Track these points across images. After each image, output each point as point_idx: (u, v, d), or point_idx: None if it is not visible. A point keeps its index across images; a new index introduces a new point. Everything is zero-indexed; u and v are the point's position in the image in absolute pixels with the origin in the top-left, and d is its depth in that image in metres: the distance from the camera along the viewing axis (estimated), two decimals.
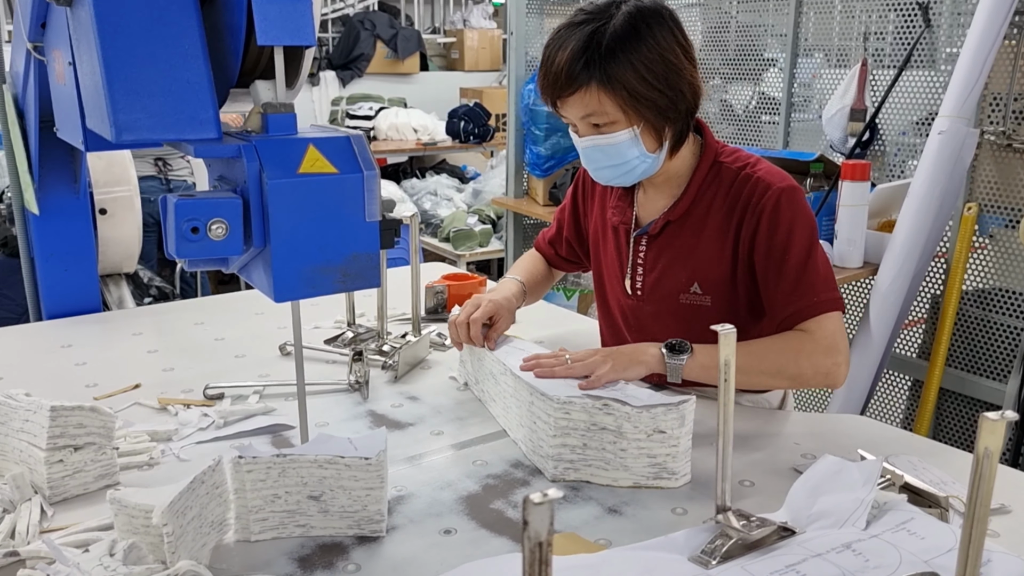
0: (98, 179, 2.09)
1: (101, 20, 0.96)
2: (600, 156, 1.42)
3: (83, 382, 1.55)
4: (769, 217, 1.40)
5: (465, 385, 1.56)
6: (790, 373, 1.38)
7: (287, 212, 0.99)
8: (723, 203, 1.45)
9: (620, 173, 1.43)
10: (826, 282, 1.40)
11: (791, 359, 1.37)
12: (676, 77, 1.36)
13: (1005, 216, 2.51)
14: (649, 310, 1.54)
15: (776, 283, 1.40)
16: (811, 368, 1.37)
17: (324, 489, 1.06)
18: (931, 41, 2.72)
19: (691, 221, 1.48)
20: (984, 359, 2.59)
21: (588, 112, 1.37)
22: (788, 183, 1.43)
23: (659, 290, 1.52)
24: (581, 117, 1.39)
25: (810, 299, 1.38)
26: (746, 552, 0.96)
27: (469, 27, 8.35)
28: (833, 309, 1.39)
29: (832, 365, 1.37)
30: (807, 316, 1.39)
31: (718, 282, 1.47)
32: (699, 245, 1.47)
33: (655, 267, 1.52)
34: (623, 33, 1.33)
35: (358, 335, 1.74)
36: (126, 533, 0.96)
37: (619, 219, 1.57)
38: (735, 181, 1.45)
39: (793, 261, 1.39)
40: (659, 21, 1.36)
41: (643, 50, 1.33)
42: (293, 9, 1.00)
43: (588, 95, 1.35)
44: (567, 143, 3.66)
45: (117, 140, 0.96)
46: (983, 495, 0.71)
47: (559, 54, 1.36)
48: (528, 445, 1.28)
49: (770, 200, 1.40)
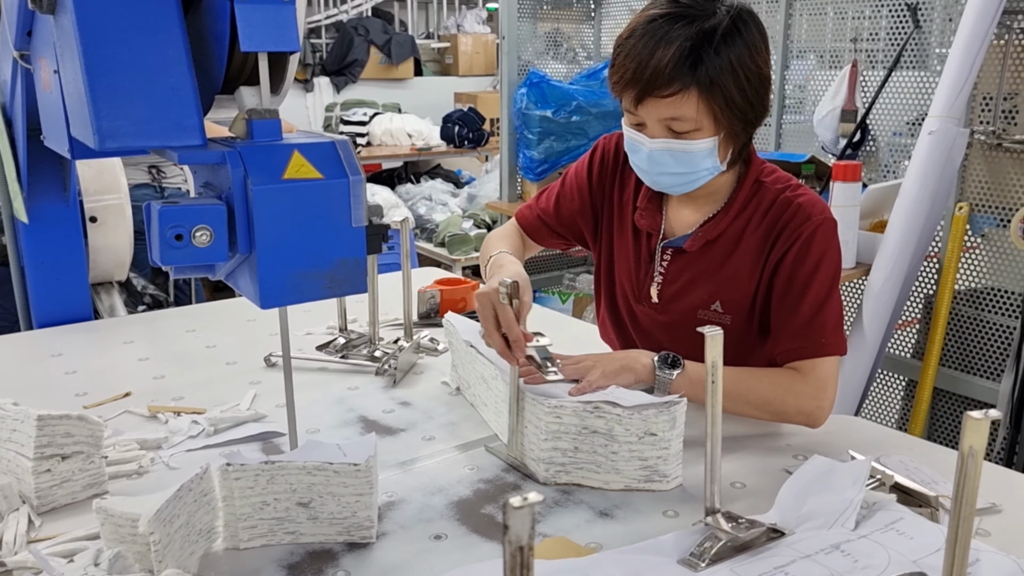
0: (88, 187, 2.09)
1: (83, 27, 0.95)
2: (670, 161, 1.34)
3: (73, 391, 1.55)
4: (801, 246, 1.37)
5: (457, 390, 1.55)
6: (774, 408, 1.36)
7: (272, 218, 0.99)
8: (759, 224, 1.41)
9: (684, 182, 1.37)
10: (836, 326, 1.38)
11: (779, 396, 1.35)
12: (765, 90, 1.33)
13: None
14: (663, 320, 1.50)
15: (790, 315, 1.38)
16: (795, 407, 1.35)
17: (313, 496, 1.06)
18: (920, 42, 2.72)
19: (724, 239, 1.44)
20: (977, 358, 2.60)
21: (676, 116, 1.29)
22: (828, 216, 1.39)
23: (678, 303, 1.48)
24: (664, 119, 1.30)
25: (818, 339, 1.36)
26: (735, 554, 0.96)
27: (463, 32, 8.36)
28: (835, 353, 1.37)
29: (816, 408, 1.35)
30: (808, 355, 1.37)
31: (741, 302, 1.43)
32: (728, 264, 1.43)
33: (678, 279, 1.48)
34: (730, 39, 1.26)
35: (350, 341, 1.74)
36: (113, 542, 0.95)
37: (647, 223, 1.50)
38: (774, 203, 1.41)
39: (811, 298, 1.37)
40: (756, 25, 1.30)
41: (746, 60, 1.27)
42: (277, 15, 1.00)
43: (686, 99, 1.27)
44: (560, 147, 3.66)
45: (100, 148, 0.96)
46: (968, 494, 0.71)
47: (660, 50, 1.25)
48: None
49: (807, 229, 1.37)
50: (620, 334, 1.63)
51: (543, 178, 3.71)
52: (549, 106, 3.59)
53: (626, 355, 1.35)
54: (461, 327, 1.52)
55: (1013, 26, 2.40)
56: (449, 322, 1.57)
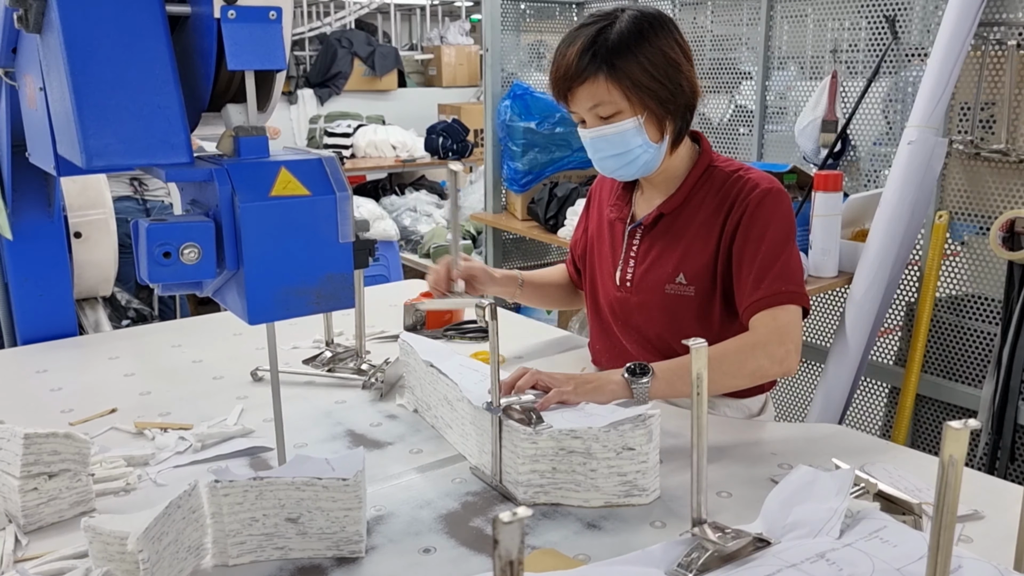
0: (72, 202, 2.08)
1: (70, 46, 0.96)
2: (605, 145, 1.50)
3: (59, 407, 1.54)
4: (752, 212, 1.50)
5: (415, 411, 1.53)
6: (748, 369, 1.43)
7: (260, 235, 0.99)
8: (714, 199, 1.55)
9: (623, 163, 1.52)
10: (794, 276, 1.48)
11: (748, 355, 1.43)
12: (675, 72, 1.48)
13: (975, 223, 2.55)
14: (636, 301, 1.61)
15: (747, 272, 1.48)
16: (766, 357, 1.43)
17: (302, 511, 1.06)
18: (899, 53, 2.76)
19: (683, 215, 1.57)
20: (959, 365, 2.62)
21: (596, 102, 1.47)
22: (776, 185, 1.54)
23: (647, 280, 1.59)
24: (589, 108, 1.48)
25: (776, 288, 1.46)
26: (722, 564, 0.96)
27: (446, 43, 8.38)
28: (794, 303, 1.47)
29: (785, 353, 1.43)
30: (770, 304, 1.46)
31: (701, 273, 1.54)
32: (686, 236, 1.56)
33: (646, 258, 1.60)
34: (628, 31, 1.45)
35: (336, 355, 1.74)
36: (101, 560, 0.95)
37: (616, 215, 1.67)
38: (727, 181, 1.55)
39: (765, 251, 1.48)
40: (661, 24, 1.48)
41: (645, 46, 1.45)
42: (263, 33, 1.00)
43: (596, 85, 1.45)
44: (544, 158, 3.67)
45: (87, 166, 0.96)
46: (950, 502, 0.72)
47: (569, 49, 1.47)
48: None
49: (756, 197, 1.51)
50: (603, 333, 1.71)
51: (527, 189, 3.72)
52: (533, 118, 3.60)
53: (598, 377, 1.39)
54: (419, 347, 1.50)
55: (989, 37, 2.43)
56: (405, 342, 1.54)
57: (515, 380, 1.33)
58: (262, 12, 0.99)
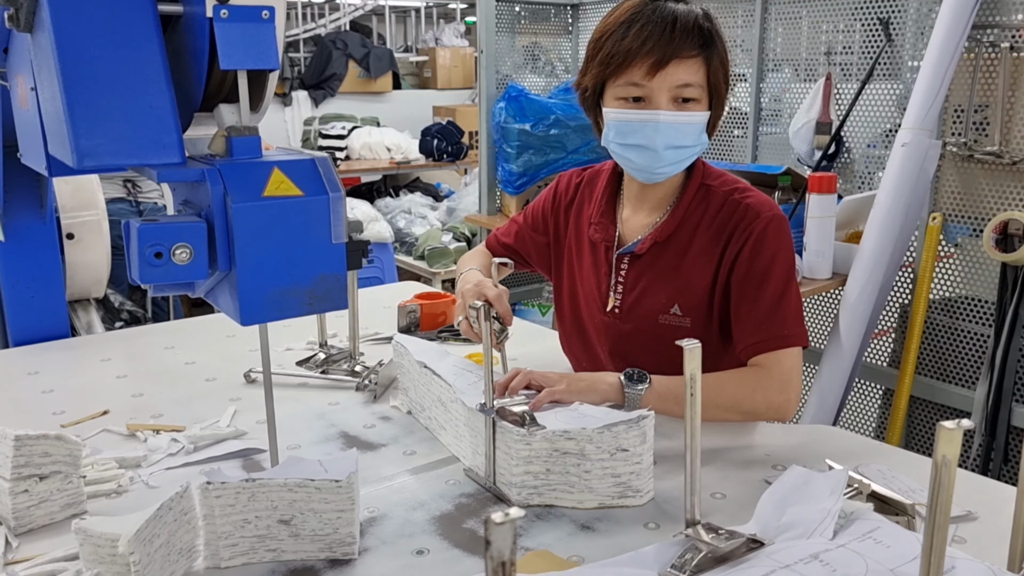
0: (65, 204, 2.08)
1: (61, 45, 0.95)
2: (673, 134, 1.39)
3: (50, 409, 1.53)
4: (754, 243, 1.42)
5: (409, 413, 1.52)
6: (744, 408, 1.40)
7: (252, 235, 0.99)
8: (710, 225, 1.46)
9: (677, 159, 1.42)
10: (796, 317, 1.42)
11: (747, 394, 1.39)
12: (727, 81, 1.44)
13: (969, 225, 2.55)
14: (627, 329, 1.54)
15: (749, 310, 1.41)
16: (764, 403, 1.39)
17: (294, 513, 1.05)
18: (893, 55, 2.77)
19: (676, 242, 1.48)
20: (952, 367, 2.63)
21: (690, 82, 1.37)
22: (776, 213, 1.45)
23: (638, 310, 1.51)
24: (676, 86, 1.37)
25: (779, 331, 1.40)
26: (716, 565, 0.96)
27: (441, 45, 8.39)
28: (797, 344, 1.41)
29: (784, 401, 1.39)
30: (771, 348, 1.40)
31: (698, 305, 1.47)
32: (682, 266, 1.47)
33: (636, 286, 1.52)
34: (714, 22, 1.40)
35: (330, 356, 1.73)
36: (92, 563, 0.94)
37: (601, 236, 1.56)
38: (724, 205, 1.46)
39: (769, 291, 1.40)
40: None
41: (722, 42, 1.41)
42: (256, 33, 1.00)
43: (694, 66, 1.37)
44: (538, 160, 3.67)
45: (79, 166, 0.96)
46: (943, 502, 0.72)
47: (680, 17, 1.35)
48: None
49: (758, 226, 1.43)
50: (586, 353, 1.65)
51: (522, 191, 3.72)
52: (528, 119, 3.60)
53: (591, 376, 1.38)
54: (413, 348, 1.49)
55: (983, 40, 2.44)
56: (399, 343, 1.53)
57: (508, 381, 1.33)
58: (255, 11, 0.99)
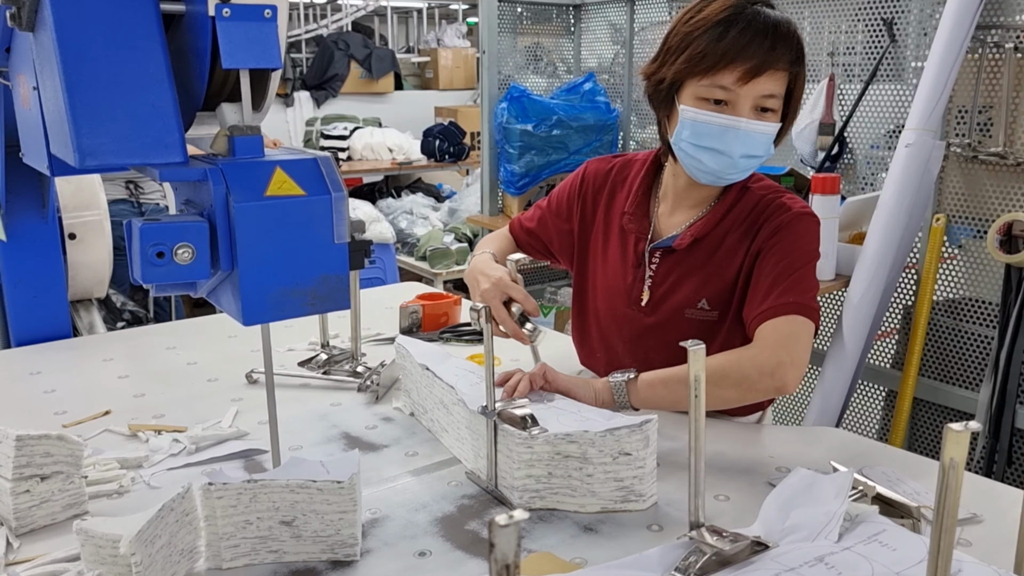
0: (67, 203, 2.07)
1: (64, 44, 0.95)
2: (749, 143, 1.37)
3: (52, 409, 1.53)
4: (779, 230, 1.43)
5: (411, 414, 1.51)
6: (733, 377, 1.31)
7: (255, 235, 0.99)
8: (743, 222, 1.47)
9: (746, 167, 1.42)
10: (808, 291, 1.39)
11: (733, 361, 1.33)
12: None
13: (973, 226, 2.55)
14: (650, 322, 1.52)
15: (764, 281, 1.40)
16: (754, 368, 1.30)
17: (296, 514, 1.05)
18: (896, 56, 2.76)
19: (710, 237, 1.48)
20: (956, 368, 2.62)
21: (776, 93, 1.37)
22: (808, 211, 1.46)
23: (667, 303, 1.50)
24: (762, 96, 1.36)
25: (787, 298, 1.36)
26: (720, 568, 0.96)
27: (443, 46, 8.39)
28: (803, 314, 1.35)
29: (776, 365, 1.29)
30: (778, 313, 1.35)
31: (726, 297, 1.46)
32: (713, 260, 1.47)
33: (665, 281, 1.51)
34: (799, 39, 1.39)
35: (332, 357, 1.73)
36: (93, 564, 0.94)
37: (634, 227, 1.54)
38: (758, 203, 1.47)
39: (784, 265, 1.39)
40: None
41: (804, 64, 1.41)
42: (259, 32, 0.99)
43: (786, 78, 1.38)
44: (540, 160, 3.67)
45: (81, 165, 0.95)
46: (950, 505, 0.72)
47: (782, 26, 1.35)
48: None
49: (786, 219, 1.44)
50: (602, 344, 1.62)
51: (524, 192, 3.72)
52: (530, 120, 3.60)
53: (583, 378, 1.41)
54: (415, 350, 1.48)
55: (986, 40, 2.43)
56: (401, 345, 1.53)
57: (506, 380, 1.33)
58: (257, 10, 0.98)
